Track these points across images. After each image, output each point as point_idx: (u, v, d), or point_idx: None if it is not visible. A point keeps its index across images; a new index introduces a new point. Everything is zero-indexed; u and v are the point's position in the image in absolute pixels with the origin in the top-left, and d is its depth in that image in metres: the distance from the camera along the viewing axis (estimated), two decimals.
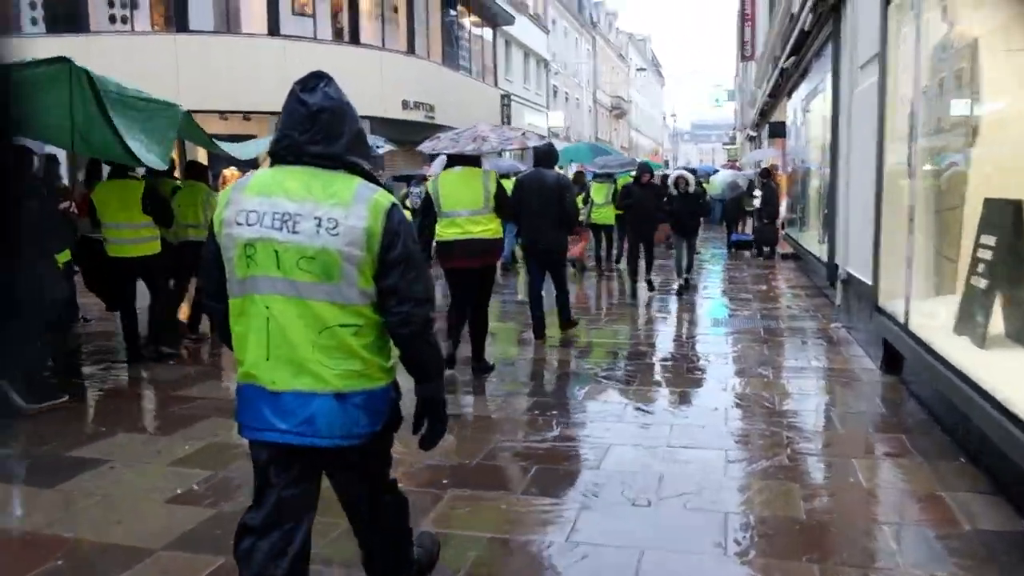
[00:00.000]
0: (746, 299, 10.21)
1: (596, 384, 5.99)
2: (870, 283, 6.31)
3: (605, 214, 12.76)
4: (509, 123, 32.59)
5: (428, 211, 6.13)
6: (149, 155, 6.00)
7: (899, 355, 5.77)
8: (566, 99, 45.84)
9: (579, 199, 12.02)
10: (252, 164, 21.43)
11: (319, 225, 2.20)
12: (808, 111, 12.51)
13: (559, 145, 35.01)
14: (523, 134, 7.23)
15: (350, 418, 2.26)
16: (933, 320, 5.14)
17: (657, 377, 6.25)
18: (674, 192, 10.57)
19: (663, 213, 10.45)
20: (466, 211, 5.93)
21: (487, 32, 32.34)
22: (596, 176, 13.30)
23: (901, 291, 5.63)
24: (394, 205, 2.30)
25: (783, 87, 15.57)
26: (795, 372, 6.25)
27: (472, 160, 6.18)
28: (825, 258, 9.69)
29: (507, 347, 7.44)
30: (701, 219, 11.71)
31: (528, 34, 37.11)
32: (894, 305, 5.77)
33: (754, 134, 29.47)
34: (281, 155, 2.33)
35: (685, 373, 6.31)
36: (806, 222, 13.70)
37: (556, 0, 43.34)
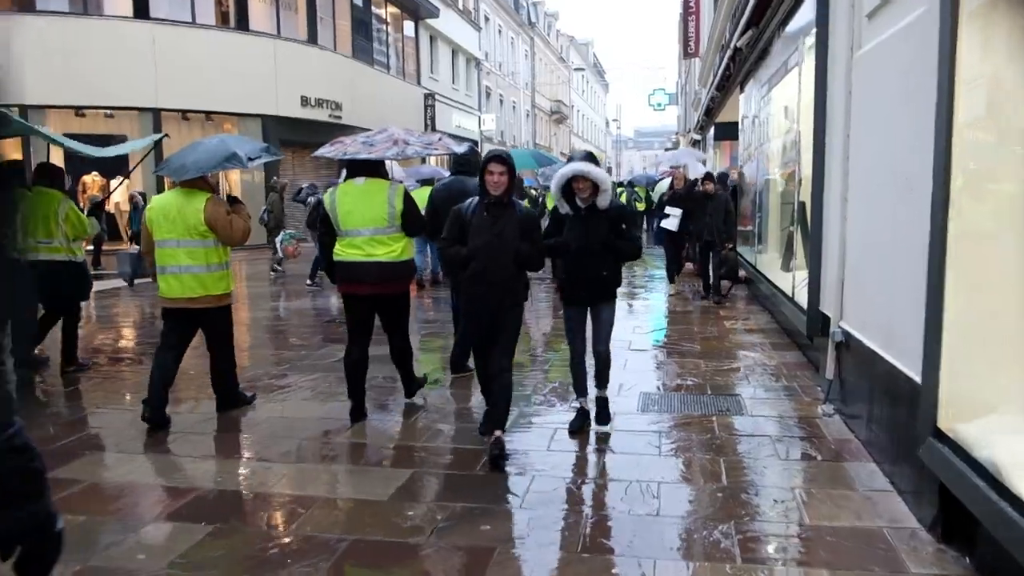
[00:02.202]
0: (690, 352, 7.42)
1: None
2: (917, 379, 3.51)
3: None
4: (433, 124, 29.61)
5: (326, 227, 5.33)
6: None
7: (972, 518, 3.02)
8: (501, 101, 43.07)
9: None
10: (119, 168, 18.27)
11: None
12: (767, 101, 9.85)
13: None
14: (439, 139, 5.91)
15: None
16: None
17: (529, 559, 3.35)
18: (565, 208, 4.85)
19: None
20: (367, 230, 5.14)
21: (408, 25, 29.33)
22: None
23: (992, 409, 2.88)
24: None
25: (734, 76, 12.93)
26: (782, 540, 3.42)
27: (376, 171, 5.33)
28: (800, 297, 6.96)
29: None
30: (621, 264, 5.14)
31: (457, 30, 34.23)
32: (977, 437, 3.00)
33: (698, 137, 27.04)
34: None
35: (582, 548, 3.42)
36: (763, 241, 11.03)
37: None
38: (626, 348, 7.55)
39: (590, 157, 4.82)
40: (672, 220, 11.30)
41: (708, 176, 11.10)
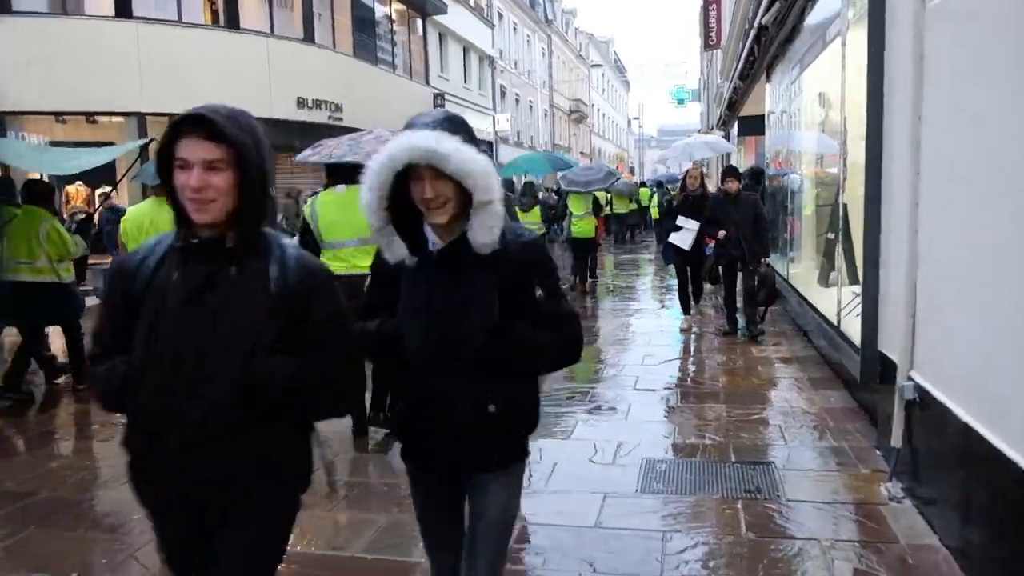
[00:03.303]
0: (710, 392, 6.04)
1: None
2: None
3: (585, 227, 12.10)
4: None
5: (310, 239, 4.91)
6: None
7: None
8: (517, 101, 41.72)
9: (535, 212, 12.24)
10: (106, 177, 17.16)
11: None
12: (799, 85, 8.43)
13: (514, 152, 30.90)
14: None
15: None
16: None
17: None
18: (399, 253, 2.08)
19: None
20: (353, 241, 4.88)
21: (415, 22, 28.08)
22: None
23: None
24: None
25: (759, 61, 11.48)
26: None
27: (358, 177, 3.94)
28: (848, 327, 5.55)
29: None
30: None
31: (468, 27, 32.93)
32: None
33: (722, 134, 25.51)
34: None
35: None
36: (797, 249, 9.61)
37: None
38: (631, 388, 6.19)
39: (451, 123, 2.00)
40: (685, 235, 8.45)
41: (730, 171, 8.41)
